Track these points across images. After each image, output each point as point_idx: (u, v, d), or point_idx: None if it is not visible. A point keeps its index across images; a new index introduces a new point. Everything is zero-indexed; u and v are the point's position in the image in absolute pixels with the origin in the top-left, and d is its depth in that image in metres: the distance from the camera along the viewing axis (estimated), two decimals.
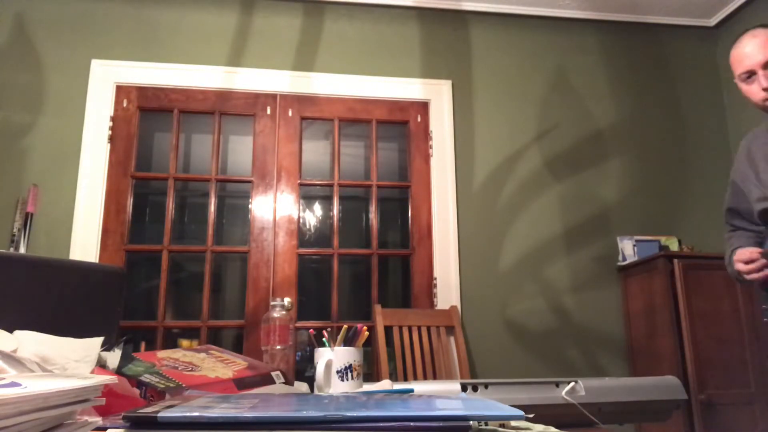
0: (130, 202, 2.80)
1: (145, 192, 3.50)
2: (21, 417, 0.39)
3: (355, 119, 3.08)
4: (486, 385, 2.08)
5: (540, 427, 0.60)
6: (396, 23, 3.19)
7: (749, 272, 1.51)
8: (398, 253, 3.32)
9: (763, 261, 1.47)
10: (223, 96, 2.97)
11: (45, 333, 0.83)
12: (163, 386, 0.80)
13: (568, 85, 3.24)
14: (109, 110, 2.85)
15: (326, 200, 3.83)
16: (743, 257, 1.51)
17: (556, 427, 0.65)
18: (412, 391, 0.86)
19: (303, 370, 2.86)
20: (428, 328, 2.70)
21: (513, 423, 0.58)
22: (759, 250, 1.50)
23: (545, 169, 3.10)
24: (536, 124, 3.16)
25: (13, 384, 0.42)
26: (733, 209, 1.73)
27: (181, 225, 3.86)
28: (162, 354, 0.96)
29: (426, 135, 3.09)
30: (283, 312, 1.27)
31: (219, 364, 0.97)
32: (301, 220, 2.96)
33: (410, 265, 2.97)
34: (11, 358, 0.63)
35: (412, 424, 0.45)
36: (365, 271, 3.06)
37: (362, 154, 3.40)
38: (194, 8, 3.03)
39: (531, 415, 0.51)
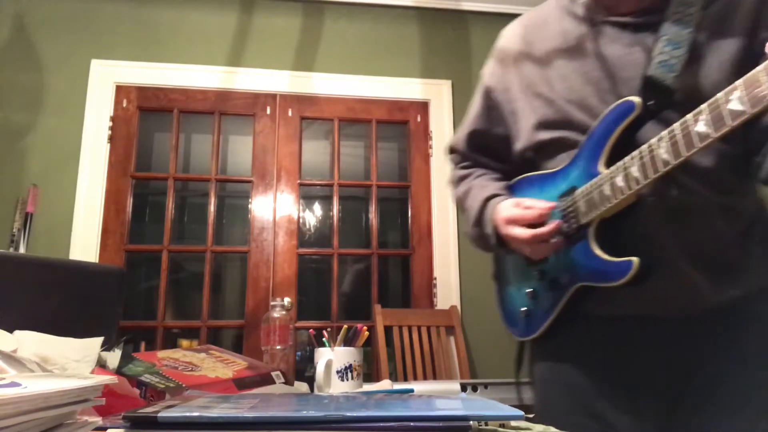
0: (130, 202, 2.80)
1: (144, 192, 3.50)
2: (21, 417, 0.39)
3: (355, 119, 3.08)
4: (486, 385, 2.08)
5: (540, 427, 0.60)
6: (396, 23, 3.19)
7: (540, 239, 0.91)
8: (398, 253, 3.32)
9: (555, 222, 0.90)
10: (223, 96, 2.97)
11: (45, 333, 0.83)
12: (163, 386, 0.80)
13: None
14: (109, 110, 2.84)
15: (326, 200, 3.83)
16: (529, 216, 0.92)
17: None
18: (412, 391, 0.86)
19: (303, 370, 2.86)
20: (428, 328, 2.70)
21: (513, 423, 0.58)
22: (548, 204, 0.92)
23: None
24: None
25: (13, 384, 0.42)
26: (479, 133, 1.12)
27: (181, 225, 3.86)
28: (162, 354, 0.96)
29: (426, 135, 3.09)
30: (283, 312, 1.27)
31: (219, 364, 0.97)
32: (301, 220, 2.96)
33: (410, 265, 2.97)
34: (11, 358, 0.63)
35: (412, 424, 0.45)
36: (365, 270, 3.06)
37: (362, 154, 3.39)
38: (194, 8, 3.03)
39: (531, 415, 0.51)
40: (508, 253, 1.05)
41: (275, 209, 2.91)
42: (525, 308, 1.01)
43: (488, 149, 1.13)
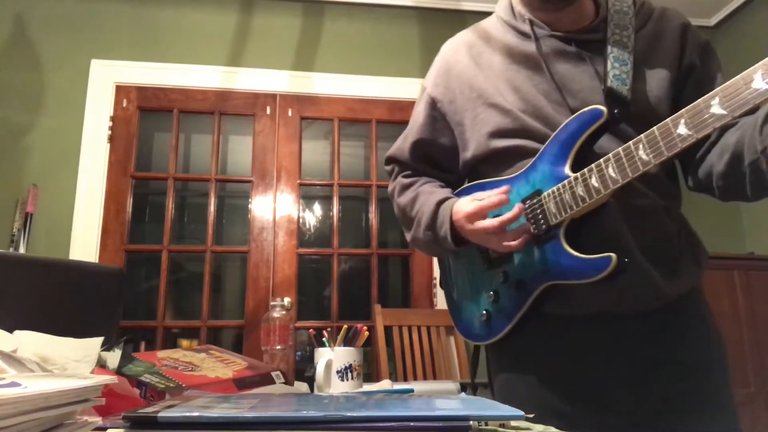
0: (129, 202, 2.80)
1: (144, 192, 3.50)
2: (21, 417, 0.39)
3: (355, 119, 3.09)
4: (486, 385, 2.08)
5: (540, 427, 0.60)
6: (396, 23, 3.19)
7: (507, 225, 0.91)
8: (398, 253, 3.32)
9: (518, 206, 0.90)
10: (223, 96, 2.97)
11: (45, 333, 0.83)
12: (163, 386, 0.80)
13: None
14: (109, 110, 2.84)
15: (326, 200, 3.83)
16: (489, 204, 0.92)
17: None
18: (412, 391, 0.86)
19: (303, 370, 2.86)
20: (428, 328, 2.70)
21: (513, 423, 0.58)
22: (504, 188, 0.93)
23: None
24: None
25: (13, 384, 0.42)
26: (423, 142, 1.12)
27: (181, 225, 3.86)
28: (162, 354, 0.96)
29: None
30: (283, 312, 1.27)
31: (219, 364, 0.97)
32: (300, 220, 2.96)
33: (410, 265, 2.97)
34: (11, 358, 0.63)
35: (412, 424, 0.45)
36: (365, 270, 3.06)
37: (362, 154, 3.39)
38: (194, 8, 3.03)
39: (531, 415, 0.51)
40: (460, 256, 1.07)
41: (275, 209, 2.91)
42: (485, 311, 1.01)
43: (432, 159, 1.14)
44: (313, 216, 3.99)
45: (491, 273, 1.01)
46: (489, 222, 0.92)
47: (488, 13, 1.19)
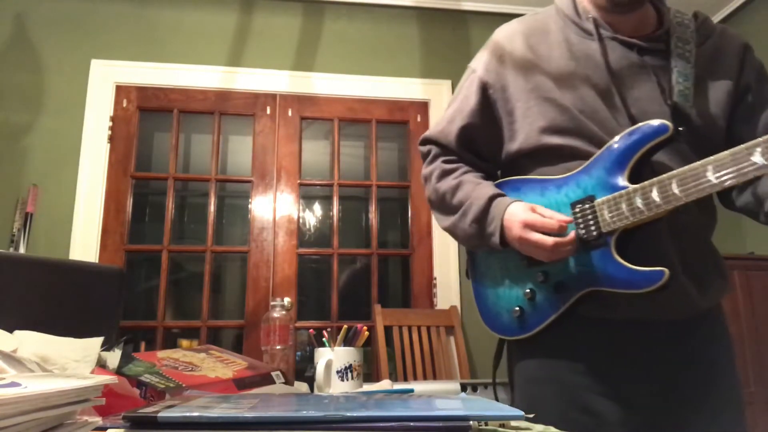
0: (129, 202, 2.80)
1: (144, 192, 3.50)
2: (21, 417, 0.39)
3: (355, 119, 3.09)
4: (486, 385, 2.08)
5: (540, 427, 0.60)
6: (396, 23, 3.19)
7: (561, 248, 0.91)
8: (398, 253, 3.32)
9: (572, 234, 0.91)
10: (223, 96, 2.97)
11: (45, 333, 0.83)
12: (163, 386, 0.80)
13: None
14: (109, 110, 2.84)
15: (326, 200, 3.83)
16: (548, 225, 0.91)
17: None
18: (412, 391, 0.86)
19: (303, 370, 2.85)
20: (428, 328, 2.70)
21: (513, 423, 0.58)
22: (567, 218, 0.92)
23: None
24: None
25: (13, 384, 0.42)
26: (472, 127, 1.08)
27: (181, 225, 3.86)
28: (162, 354, 0.96)
29: None
30: (283, 312, 1.27)
31: (219, 364, 0.97)
32: (300, 220, 2.96)
33: (410, 265, 2.97)
34: (11, 358, 0.63)
35: (412, 424, 0.45)
36: (365, 270, 3.06)
37: (362, 154, 3.39)
38: (194, 8, 3.03)
39: (531, 415, 0.51)
40: (492, 252, 1.05)
41: (275, 209, 2.91)
42: (518, 307, 1.01)
43: (475, 146, 1.11)
44: (313, 216, 3.98)
45: (530, 271, 1.00)
46: (544, 239, 0.91)
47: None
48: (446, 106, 1.17)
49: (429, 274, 2.94)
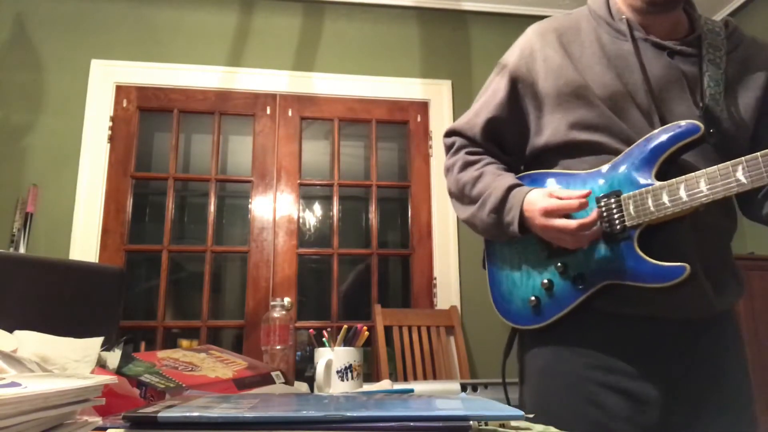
0: (129, 202, 2.80)
1: (144, 192, 3.50)
2: (21, 417, 0.39)
3: (355, 119, 3.09)
4: (486, 385, 2.08)
5: (540, 427, 0.60)
6: (396, 23, 3.19)
7: (585, 229, 0.91)
8: (398, 253, 3.32)
9: (596, 211, 0.93)
10: (223, 96, 2.97)
11: (45, 333, 0.83)
12: (163, 386, 0.80)
13: None
14: (109, 110, 2.84)
15: (326, 200, 3.83)
16: (568, 206, 0.91)
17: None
18: (412, 391, 0.86)
19: (303, 370, 2.85)
20: (428, 328, 2.70)
21: (513, 423, 0.58)
22: (584, 191, 0.92)
23: None
24: None
25: (13, 384, 0.42)
26: (498, 120, 1.09)
27: (181, 225, 3.86)
28: (162, 354, 0.96)
29: (426, 135, 3.09)
30: (283, 312, 1.27)
31: (219, 364, 0.97)
32: (300, 220, 2.96)
33: (410, 265, 2.97)
34: (11, 358, 0.63)
35: (412, 424, 0.45)
36: (366, 270, 3.06)
37: (362, 154, 3.39)
38: (194, 8, 3.03)
39: (531, 415, 0.51)
40: (511, 241, 1.06)
41: (275, 209, 2.91)
42: (534, 297, 1.01)
43: (500, 139, 1.12)
44: (313, 216, 3.98)
45: (549, 261, 1.00)
46: (567, 222, 0.91)
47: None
48: (474, 100, 1.18)
49: (429, 274, 2.94)
